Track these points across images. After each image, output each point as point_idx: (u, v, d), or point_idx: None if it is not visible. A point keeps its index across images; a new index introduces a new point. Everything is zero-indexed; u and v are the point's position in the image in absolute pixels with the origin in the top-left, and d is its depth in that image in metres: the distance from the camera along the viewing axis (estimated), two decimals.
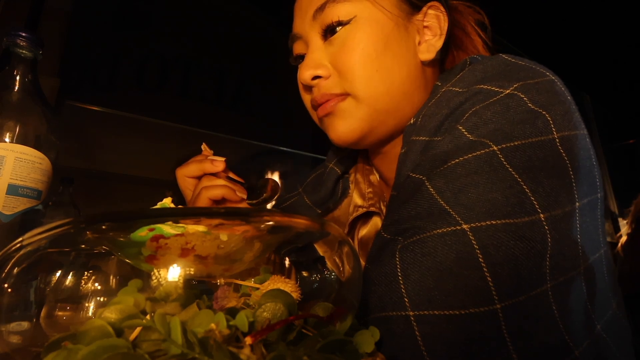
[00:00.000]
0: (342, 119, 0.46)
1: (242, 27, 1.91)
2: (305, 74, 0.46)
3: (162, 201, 0.31)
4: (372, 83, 0.44)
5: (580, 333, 0.32)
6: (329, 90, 0.46)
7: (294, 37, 0.50)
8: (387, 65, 0.45)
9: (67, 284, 0.26)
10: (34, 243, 0.21)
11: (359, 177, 0.58)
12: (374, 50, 0.44)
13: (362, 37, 0.44)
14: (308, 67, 0.46)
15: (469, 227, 0.31)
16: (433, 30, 0.48)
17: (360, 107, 0.45)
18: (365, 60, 0.44)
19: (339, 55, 0.45)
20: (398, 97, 0.46)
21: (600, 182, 0.38)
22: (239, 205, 0.51)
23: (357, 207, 0.55)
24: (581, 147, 0.36)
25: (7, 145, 0.42)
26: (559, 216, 0.32)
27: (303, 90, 0.51)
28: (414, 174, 0.38)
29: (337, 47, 0.45)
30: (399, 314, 0.31)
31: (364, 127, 0.46)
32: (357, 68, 0.44)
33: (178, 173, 0.53)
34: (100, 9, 1.56)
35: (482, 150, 0.34)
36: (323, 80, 0.46)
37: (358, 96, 0.45)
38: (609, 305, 0.37)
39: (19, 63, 0.45)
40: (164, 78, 1.69)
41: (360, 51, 0.44)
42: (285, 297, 0.23)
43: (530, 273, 0.30)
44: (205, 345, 0.18)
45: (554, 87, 0.38)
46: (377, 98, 0.45)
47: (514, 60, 0.41)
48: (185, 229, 0.24)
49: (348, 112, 0.46)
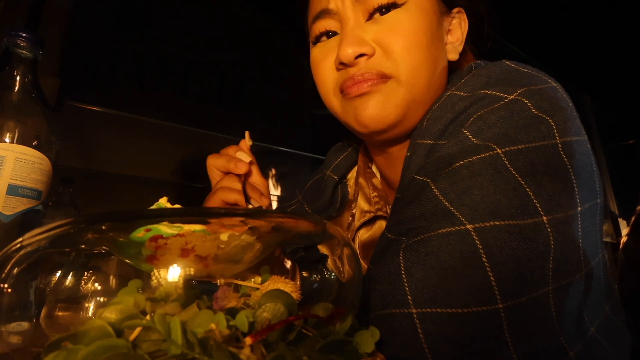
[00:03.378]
0: (379, 101, 0.43)
1: (242, 27, 1.91)
2: (348, 51, 0.43)
3: (158, 201, 0.31)
4: (418, 71, 0.43)
5: (574, 335, 0.33)
6: (374, 68, 0.43)
7: (324, 12, 0.47)
8: (433, 56, 0.45)
9: (67, 284, 0.26)
10: (34, 243, 0.21)
11: (362, 181, 0.58)
12: (424, 38, 0.44)
13: (415, 23, 0.43)
14: (352, 43, 0.43)
15: (473, 227, 0.31)
16: (455, 35, 0.49)
17: (400, 92, 0.43)
18: (417, 46, 0.43)
19: (388, 34, 0.43)
20: (432, 91, 0.45)
21: (600, 188, 0.39)
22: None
23: (364, 212, 0.54)
24: (582, 152, 0.37)
25: (7, 146, 0.42)
26: (561, 219, 0.33)
27: (326, 69, 0.48)
28: (419, 176, 0.38)
29: (384, 26, 0.43)
30: (402, 311, 0.31)
31: (398, 114, 0.44)
32: (407, 52, 0.43)
33: (208, 160, 0.53)
34: (100, 9, 1.56)
35: (486, 153, 0.34)
36: (365, 59, 0.44)
37: (401, 80, 0.43)
38: (602, 308, 0.38)
39: (19, 63, 0.45)
40: (164, 78, 1.69)
41: (412, 37, 0.43)
42: (285, 297, 0.23)
43: (532, 274, 0.31)
44: (205, 345, 0.18)
45: (556, 94, 0.38)
46: (419, 87, 0.44)
47: (517, 67, 0.42)
48: (181, 229, 0.24)
49: (387, 95, 0.43)
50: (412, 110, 0.45)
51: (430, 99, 0.46)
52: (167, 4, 1.73)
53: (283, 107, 2.03)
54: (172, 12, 1.74)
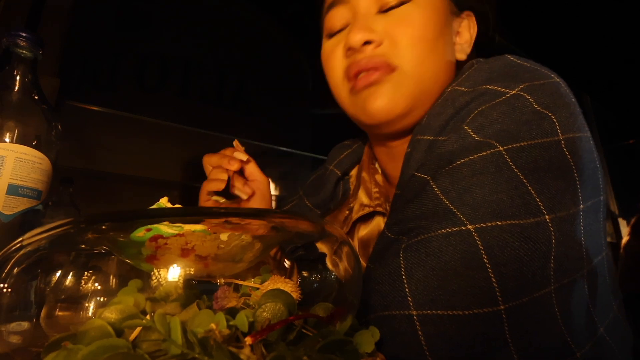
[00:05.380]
0: (387, 91, 0.44)
1: (242, 27, 1.91)
2: (358, 36, 0.44)
3: (159, 201, 0.31)
4: (425, 62, 0.44)
5: (582, 335, 0.32)
6: (380, 56, 0.44)
7: (336, 2, 0.48)
8: (440, 50, 0.45)
9: (67, 284, 0.26)
10: (34, 243, 0.21)
11: (365, 175, 0.58)
12: (432, 31, 0.44)
13: (424, 17, 0.44)
14: (361, 29, 0.44)
15: (474, 227, 0.31)
16: (464, 37, 0.49)
17: (406, 83, 0.44)
18: (424, 39, 0.44)
19: (397, 25, 0.44)
20: (438, 85, 0.46)
21: (604, 185, 0.38)
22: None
23: (363, 206, 0.54)
24: (585, 149, 0.36)
25: (7, 145, 0.42)
26: (563, 218, 0.32)
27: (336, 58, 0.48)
28: (419, 174, 0.38)
29: (394, 18, 0.44)
30: (402, 313, 0.30)
31: (406, 105, 0.44)
32: (414, 43, 0.43)
33: (204, 159, 0.55)
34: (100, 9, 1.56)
35: (488, 150, 0.34)
36: (372, 47, 0.44)
37: (407, 71, 0.43)
38: (610, 308, 0.37)
39: (19, 63, 0.45)
40: (164, 78, 1.69)
41: (420, 28, 0.44)
42: (285, 297, 0.23)
43: (534, 274, 0.30)
44: (205, 345, 0.18)
45: (559, 89, 0.38)
46: (426, 79, 0.44)
47: (519, 61, 0.41)
48: (182, 229, 0.24)
49: (394, 86, 0.44)
50: (420, 102, 0.45)
51: (437, 93, 0.46)
52: (167, 4, 1.73)
53: (283, 107, 2.03)
54: (172, 12, 1.74)
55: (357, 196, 0.57)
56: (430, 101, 0.45)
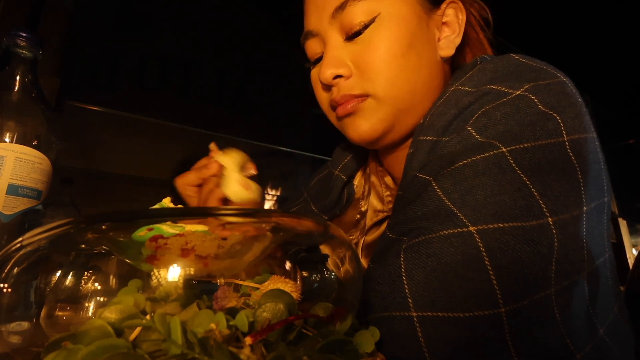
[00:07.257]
0: (364, 119, 0.45)
1: (242, 27, 1.91)
2: (327, 73, 0.45)
3: (161, 201, 0.31)
4: (396, 83, 0.43)
5: (582, 337, 0.32)
6: (349, 91, 0.45)
7: (308, 34, 0.48)
8: (412, 64, 0.44)
9: (67, 284, 0.26)
10: (34, 243, 0.21)
11: (374, 179, 0.57)
12: (399, 48, 0.43)
13: (388, 36, 0.43)
14: (329, 65, 0.45)
15: (476, 229, 0.30)
16: (452, 27, 0.48)
17: (381, 108, 0.44)
18: (391, 59, 0.43)
19: (362, 54, 0.44)
20: (420, 96, 0.45)
21: (608, 186, 0.38)
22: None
23: (377, 212, 0.54)
24: (591, 150, 0.36)
25: (7, 145, 0.42)
26: (566, 220, 0.32)
27: (320, 89, 0.50)
28: (421, 174, 0.38)
29: (360, 45, 0.44)
30: (402, 314, 0.30)
31: (385, 127, 0.45)
32: (381, 68, 0.43)
33: (178, 182, 0.51)
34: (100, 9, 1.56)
35: (490, 151, 0.34)
36: (343, 80, 0.45)
37: (379, 97, 0.44)
38: (611, 309, 0.37)
39: (19, 63, 0.45)
40: (164, 78, 1.69)
41: (385, 50, 0.43)
42: (285, 297, 0.23)
43: (535, 277, 0.30)
44: (205, 345, 0.18)
45: (565, 89, 0.37)
46: (401, 98, 0.44)
47: (524, 60, 0.40)
48: (183, 229, 0.24)
49: (369, 112, 0.45)
50: (401, 117, 0.46)
51: (422, 101, 0.45)
52: (167, 4, 1.73)
53: (283, 107, 2.03)
54: (172, 12, 1.74)
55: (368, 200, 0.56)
56: (417, 111, 0.46)
